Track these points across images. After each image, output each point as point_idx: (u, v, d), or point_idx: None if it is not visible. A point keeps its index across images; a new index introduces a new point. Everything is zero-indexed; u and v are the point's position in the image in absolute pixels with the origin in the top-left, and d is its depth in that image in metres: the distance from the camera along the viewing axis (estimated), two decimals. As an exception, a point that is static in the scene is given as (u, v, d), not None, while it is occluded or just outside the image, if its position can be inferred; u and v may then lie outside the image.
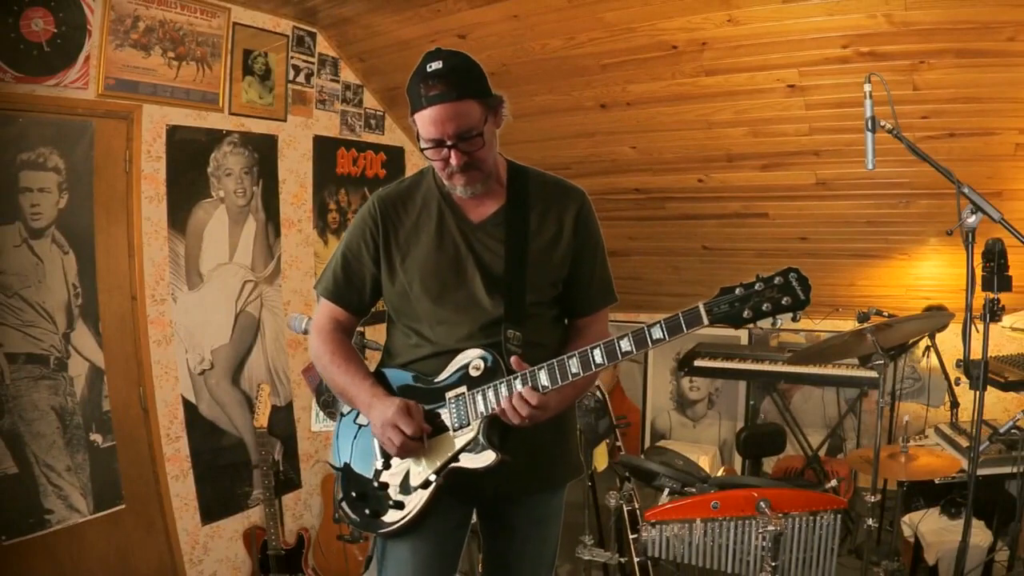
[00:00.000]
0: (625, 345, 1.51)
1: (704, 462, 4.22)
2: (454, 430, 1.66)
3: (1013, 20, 2.55)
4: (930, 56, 2.79)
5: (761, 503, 2.38)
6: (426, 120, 1.58)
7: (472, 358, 1.66)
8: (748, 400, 4.52)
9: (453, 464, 1.65)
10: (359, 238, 1.78)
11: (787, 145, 3.46)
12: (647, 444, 4.97)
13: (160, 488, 3.20)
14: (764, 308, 1.42)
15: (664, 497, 2.78)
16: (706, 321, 1.45)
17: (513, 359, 1.60)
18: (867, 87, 2.10)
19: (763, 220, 3.97)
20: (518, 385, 1.58)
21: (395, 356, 1.82)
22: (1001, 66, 2.73)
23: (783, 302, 1.41)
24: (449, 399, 1.67)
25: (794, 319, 1.43)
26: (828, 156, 3.43)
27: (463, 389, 1.66)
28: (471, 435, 1.64)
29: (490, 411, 1.62)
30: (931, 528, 3.03)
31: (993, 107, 2.91)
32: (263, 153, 3.60)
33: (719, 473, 4.47)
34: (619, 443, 3.32)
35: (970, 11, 2.57)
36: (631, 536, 2.80)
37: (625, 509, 2.87)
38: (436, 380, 1.70)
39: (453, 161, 1.60)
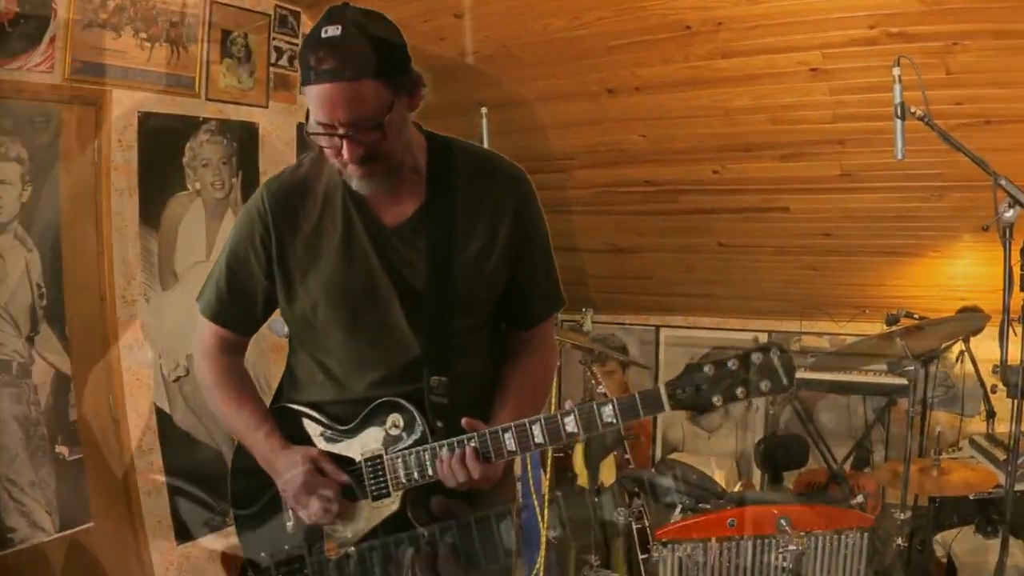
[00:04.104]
0: (570, 426, 1.39)
1: (720, 476, 4.22)
2: (373, 499, 1.51)
3: (1054, -2, 2.55)
4: (964, 37, 2.78)
5: (781, 521, 2.40)
6: (314, 99, 1.34)
7: (389, 413, 1.51)
8: (767, 409, 4.50)
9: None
10: (247, 244, 1.55)
11: (809, 133, 3.46)
12: (658, 457, 4.97)
13: (132, 505, 3.22)
14: (738, 393, 1.31)
15: (677, 514, 2.81)
16: (667, 407, 1.34)
17: (465, 421, 1.44)
18: (896, 71, 2.13)
19: (783, 215, 3.97)
20: (444, 453, 1.44)
21: (299, 390, 1.64)
22: (1041, 48, 2.73)
23: (761, 386, 1.30)
24: (364, 462, 1.51)
25: (772, 403, 1.37)
26: (854, 145, 3.43)
27: (379, 449, 1.50)
28: (394, 507, 1.50)
29: (412, 481, 1.48)
30: (965, 548, 3.05)
31: (1032, 92, 2.91)
32: (243, 142, 3.62)
33: (736, 488, 4.47)
34: (628, 456, 3.35)
35: (1007, -12, 2.58)
36: (641, 556, 2.82)
37: (634, 527, 2.91)
38: (347, 430, 1.55)
39: (345, 154, 1.37)
